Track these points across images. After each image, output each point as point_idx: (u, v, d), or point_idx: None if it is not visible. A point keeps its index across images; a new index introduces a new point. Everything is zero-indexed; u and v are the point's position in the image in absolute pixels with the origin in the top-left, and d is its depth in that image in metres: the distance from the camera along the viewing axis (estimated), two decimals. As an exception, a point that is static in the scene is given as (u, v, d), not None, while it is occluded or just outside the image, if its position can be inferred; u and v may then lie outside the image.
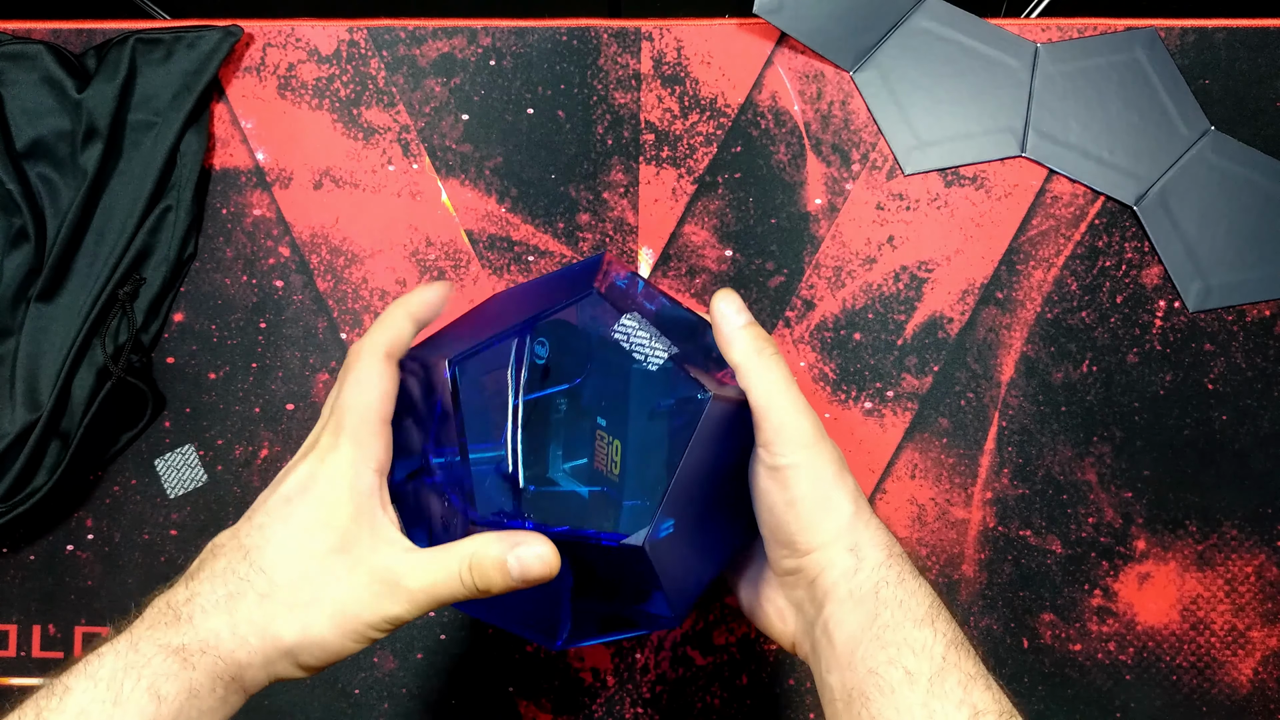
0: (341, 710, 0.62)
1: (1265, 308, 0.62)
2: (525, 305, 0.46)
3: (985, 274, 0.62)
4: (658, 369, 0.42)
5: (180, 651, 0.37)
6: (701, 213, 0.63)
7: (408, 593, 0.40)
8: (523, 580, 0.40)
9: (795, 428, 0.42)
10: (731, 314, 0.44)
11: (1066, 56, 0.63)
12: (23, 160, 0.62)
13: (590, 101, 0.63)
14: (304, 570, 0.39)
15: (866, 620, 0.40)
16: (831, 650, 0.41)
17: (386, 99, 0.64)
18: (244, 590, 0.39)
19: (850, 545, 0.42)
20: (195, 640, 0.38)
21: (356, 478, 0.41)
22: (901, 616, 0.40)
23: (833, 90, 0.63)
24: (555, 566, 0.40)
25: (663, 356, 0.42)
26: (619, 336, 0.42)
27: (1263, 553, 0.61)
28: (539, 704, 0.62)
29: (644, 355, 0.42)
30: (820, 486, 0.42)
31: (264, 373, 0.63)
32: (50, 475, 0.59)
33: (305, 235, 0.63)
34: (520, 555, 0.40)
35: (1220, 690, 0.61)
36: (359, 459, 0.41)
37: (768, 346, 0.43)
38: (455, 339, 0.45)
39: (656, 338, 0.42)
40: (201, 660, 0.37)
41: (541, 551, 0.40)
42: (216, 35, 0.62)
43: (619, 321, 0.42)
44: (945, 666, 0.38)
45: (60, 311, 0.61)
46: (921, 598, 0.41)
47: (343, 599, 0.39)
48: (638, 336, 0.42)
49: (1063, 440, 0.62)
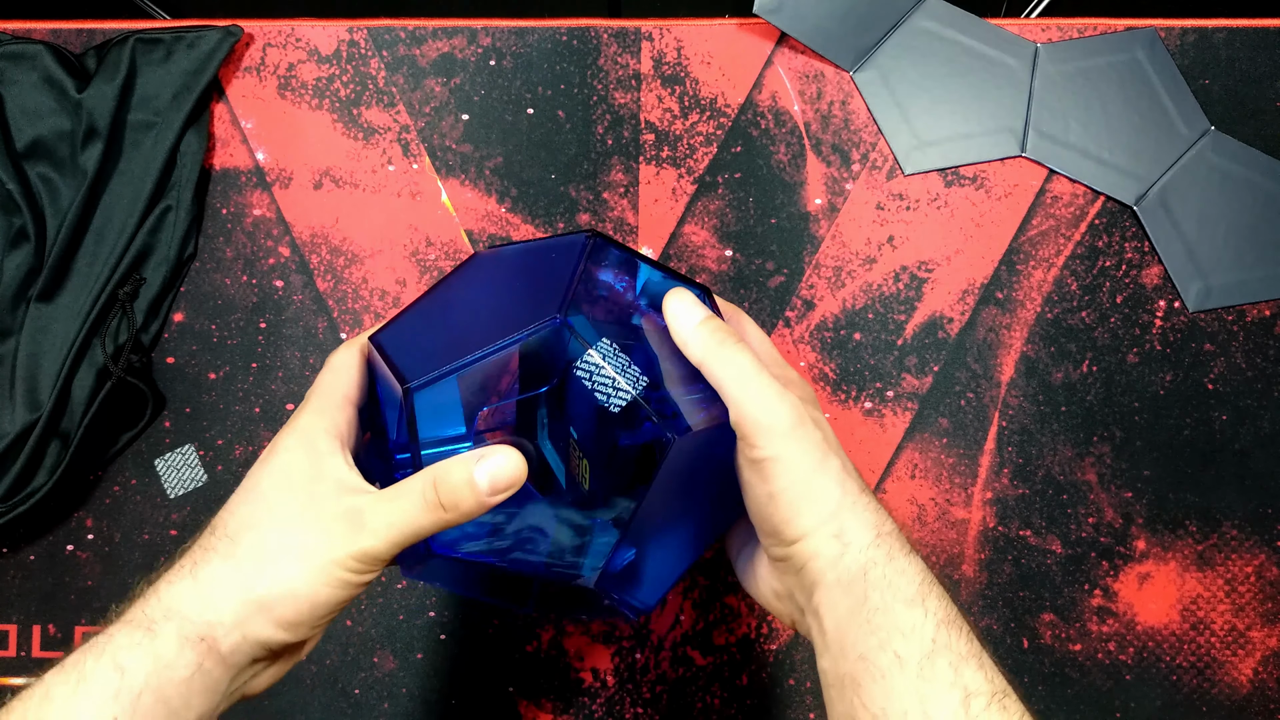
0: (341, 710, 0.62)
1: (1265, 308, 0.62)
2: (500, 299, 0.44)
3: (985, 274, 0.62)
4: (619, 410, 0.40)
5: (143, 622, 0.36)
6: (701, 213, 0.63)
7: (372, 528, 0.38)
8: (494, 491, 0.39)
9: (769, 419, 0.40)
10: (683, 314, 0.42)
11: (1066, 56, 0.63)
12: (23, 160, 0.62)
13: (590, 101, 0.63)
14: (267, 527, 0.38)
15: (856, 604, 0.39)
16: (823, 637, 0.40)
17: (386, 99, 0.64)
18: (208, 557, 0.38)
19: (835, 531, 0.40)
20: (159, 609, 0.37)
21: (312, 441, 0.40)
22: (891, 598, 0.38)
23: (833, 90, 0.63)
24: (523, 474, 0.39)
25: (626, 398, 0.40)
26: (580, 374, 0.40)
27: (1263, 553, 0.61)
28: (539, 704, 0.62)
29: (606, 396, 0.40)
30: (801, 475, 0.40)
31: (264, 373, 0.63)
32: (50, 475, 0.59)
33: (305, 235, 0.63)
34: (488, 467, 0.38)
35: (1220, 690, 0.61)
36: (314, 425, 0.41)
37: (728, 338, 0.41)
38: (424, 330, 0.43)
39: (624, 371, 0.40)
40: (165, 627, 0.36)
41: (508, 458, 0.39)
42: (216, 35, 0.62)
43: (582, 358, 0.40)
44: (935, 648, 0.37)
45: (60, 311, 0.61)
46: (911, 576, 0.39)
47: (307, 543, 0.38)
48: (601, 375, 0.40)
49: (1063, 440, 0.62)
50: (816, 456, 0.41)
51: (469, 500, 0.39)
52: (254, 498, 0.40)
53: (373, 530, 0.38)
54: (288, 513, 0.39)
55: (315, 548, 0.38)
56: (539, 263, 0.45)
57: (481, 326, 0.42)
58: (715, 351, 0.41)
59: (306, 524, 0.38)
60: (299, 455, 0.40)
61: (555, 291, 0.41)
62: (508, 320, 0.41)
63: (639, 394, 0.40)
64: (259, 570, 0.38)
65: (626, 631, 0.62)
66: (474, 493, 0.38)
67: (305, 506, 0.39)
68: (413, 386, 0.39)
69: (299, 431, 0.41)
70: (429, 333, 0.43)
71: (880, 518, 0.41)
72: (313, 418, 0.41)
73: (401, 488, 0.39)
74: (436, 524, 0.39)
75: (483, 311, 0.44)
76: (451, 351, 0.40)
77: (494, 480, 0.39)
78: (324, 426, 0.41)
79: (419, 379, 0.39)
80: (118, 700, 0.34)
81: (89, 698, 0.34)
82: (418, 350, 0.41)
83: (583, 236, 0.44)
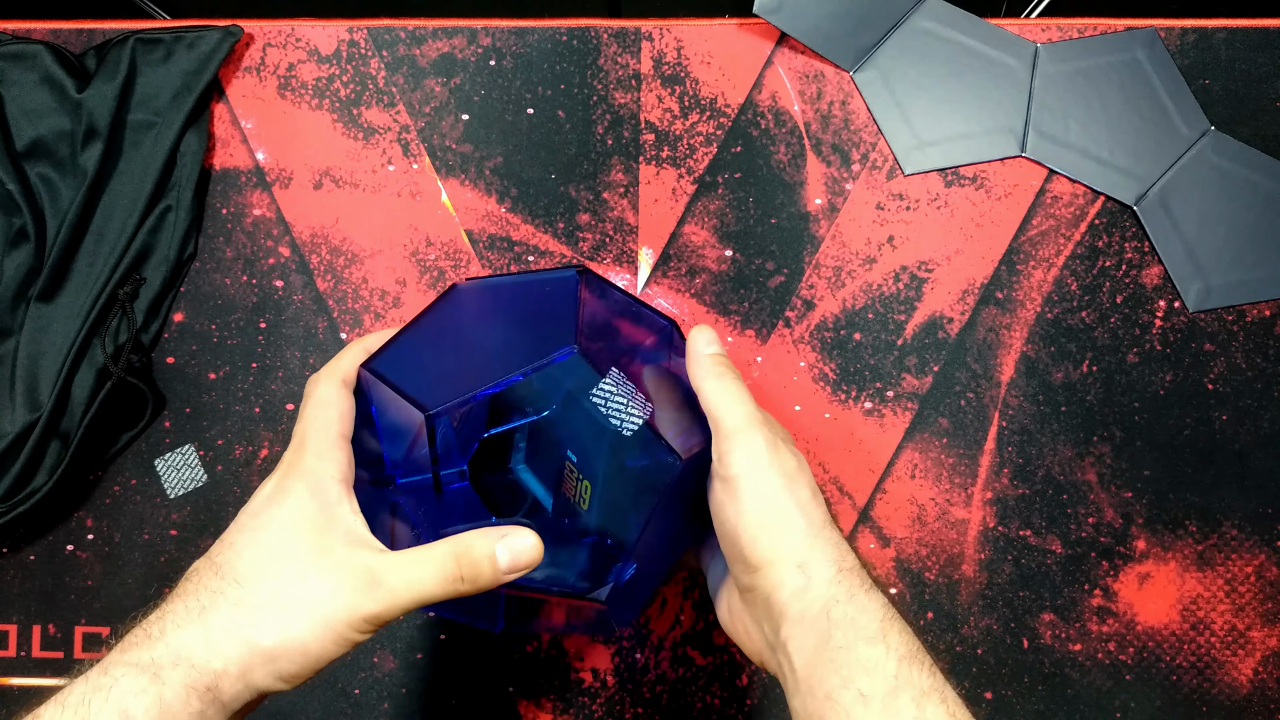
0: (341, 710, 0.62)
1: (1265, 308, 0.62)
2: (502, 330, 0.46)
3: (985, 274, 0.62)
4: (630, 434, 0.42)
5: (150, 667, 0.36)
6: (701, 213, 0.63)
7: (388, 590, 0.39)
8: (511, 570, 0.40)
9: (745, 438, 0.42)
10: (701, 343, 0.46)
11: (1066, 56, 0.63)
12: (23, 160, 0.62)
13: (590, 101, 0.63)
14: (278, 575, 0.39)
15: (820, 642, 0.40)
16: (793, 675, 0.41)
17: (386, 99, 0.64)
18: (217, 602, 0.38)
19: (799, 561, 0.41)
20: (166, 654, 0.37)
21: (322, 488, 0.41)
22: (853, 636, 0.39)
23: (833, 90, 0.63)
24: (539, 555, 0.41)
25: (637, 422, 0.42)
26: (596, 401, 0.42)
27: (1263, 553, 0.61)
28: (539, 704, 0.62)
29: (620, 421, 0.42)
30: (769, 498, 0.42)
31: (264, 373, 0.63)
32: (50, 475, 0.59)
33: (305, 235, 0.63)
34: (510, 545, 0.40)
35: (1220, 690, 0.61)
36: (322, 470, 0.41)
37: (728, 371, 0.45)
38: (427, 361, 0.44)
39: (632, 398, 0.43)
40: (173, 674, 0.36)
41: (529, 542, 0.41)
42: (216, 35, 0.62)
43: (599, 385, 0.42)
44: (898, 685, 0.38)
45: (60, 311, 0.61)
46: (873, 613, 0.40)
47: (320, 599, 0.38)
48: (614, 401, 0.42)
49: (1063, 440, 0.62)
50: (785, 482, 0.42)
51: (487, 575, 0.40)
52: (264, 541, 0.40)
53: (389, 592, 0.39)
54: (300, 564, 0.39)
55: (326, 605, 0.38)
56: (535, 296, 0.47)
57: (493, 357, 0.43)
58: (712, 379, 0.44)
59: (319, 578, 0.39)
60: (308, 502, 0.40)
61: (564, 323, 0.43)
62: (519, 351, 0.42)
63: (647, 418, 0.42)
64: (267, 620, 0.38)
65: (626, 631, 0.62)
66: (493, 569, 0.40)
67: (317, 558, 0.39)
68: (434, 413, 0.40)
69: (306, 476, 0.41)
70: (434, 363, 0.44)
71: (842, 552, 0.42)
72: (317, 462, 0.41)
73: (421, 555, 0.40)
74: (451, 594, 0.40)
75: (488, 342, 0.45)
76: (465, 380, 0.41)
77: (514, 559, 0.40)
78: (330, 473, 0.41)
79: (438, 406, 0.40)
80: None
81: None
82: (426, 380, 0.42)
83: (573, 272, 0.46)
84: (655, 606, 0.62)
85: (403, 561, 0.40)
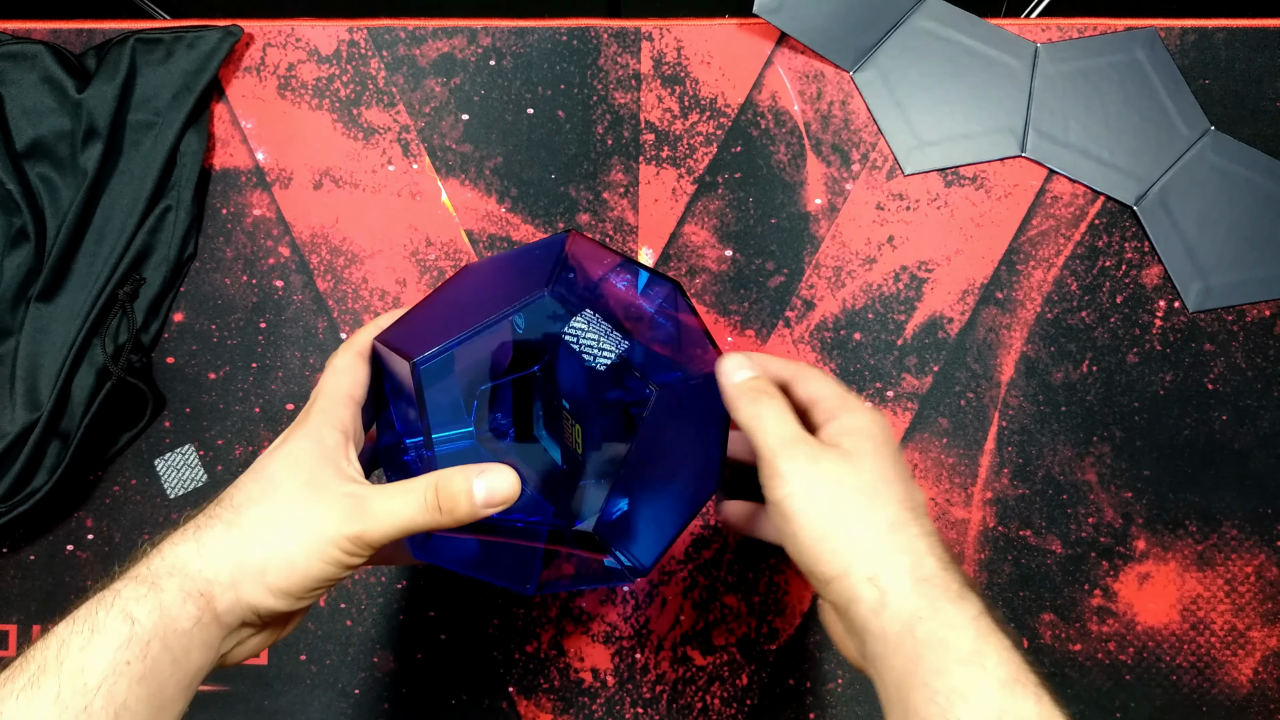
0: (341, 710, 0.62)
1: (1265, 308, 0.62)
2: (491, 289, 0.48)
3: (985, 274, 0.62)
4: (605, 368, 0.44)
5: (148, 578, 0.38)
6: (701, 213, 0.63)
7: (372, 515, 0.41)
8: (488, 504, 0.42)
9: (783, 463, 0.42)
10: (730, 370, 0.46)
11: (1066, 56, 0.63)
12: (23, 160, 0.62)
13: (590, 101, 0.63)
14: (269, 502, 0.41)
15: (909, 664, 0.38)
16: (885, 691, 0.40)
17: (386, 99, 0.64)
18: (211, 524, 0.40)
19: (869, 574, 0.40)
20: (163, 566, 0.39)
21: (321, 437, 0.43)
22: (945, 658, 0.37)
23: (833, 90, 0.63)
24: (516, 493, 0.42)
25: (610, 357, 0.43)
26: (569, 338, 0.44)
27: (1263, 553, 0.61)
28: (539, 704, 0.62)
29: (593, 356, 0.43)
30: (819, 516, 0.41)
31: (264, 373, 0.63)
32: (50, 475, 0.59)
33: (305, 235, 0.63)
34: (486, 480, 0.42)
35: (1220, 690, 0.61)
36: (323, 423, 0.43)
37: (761, 395, 0.45)
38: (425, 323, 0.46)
39: (607, 336, 0.44)
40: (169, 582, 0.38)
41: (505, 477, 0.42)
42: (216, 35, 0.62)
43: (569, 324, 0.44)
44: (1000, 714, 0.36)
45: (60, 311, 0.61)
46: (963, 628, 0.38)
47: (307, 519, 0.40)
48: (587, 338, 0.44)
49: (1063, 440, 0.62)
50: (832, 493, 0.42)
51: (464, 508, 0.42)
52: (261, 477, 0.42)
53: (372, 516, 0.41)
54: (292, 491, 0.41)
55: (315, 524, 0.40)
56: (524, 258, 0.49)
57: (475, 309, 0.45)
58: (749, 403, 0.44)
59: (309, 502, 0.41)
60: (307, 444, 0.43)
61: (542, 273, 0.44)
62: (500, 300, 0.44)
63: (621, 353, 0.43)
64: (258, 538, 0.40)
65: (626, 631, 0.62)
66: (470, 502, 0.42)
67: (309, 487, 0.41)
68: (417, 361, 0.42)
69: (307, 426, 0.43)
70: (427, 323, 0.46)
71: (917, 558, 0.40)
72: (319, 416, 0.44)
73: (405, 485, 0.42)
74: (431, 524, 0.42)
75: (475, 299, 0.47)
76: (450, 330, 0.44)
77: (490, 494, 0.42)
78: (330, 423, 0.43)
79: (423, 354, 0.42)
80: (129, 647, 0.36)
81: (104, 645, 0.36)
82: (418, 336, 0.45)
83: (562, 234, 0.48)
84: (655, 606, 0.62)
85: (388, 491, 0.42)
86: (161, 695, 0.37)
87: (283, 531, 0.40)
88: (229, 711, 0.62)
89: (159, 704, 0.37)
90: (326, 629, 0.62)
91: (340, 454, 0.43)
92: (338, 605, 0.62)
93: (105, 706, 0.35)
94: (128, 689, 0.36)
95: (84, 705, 0.35)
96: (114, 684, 0.36)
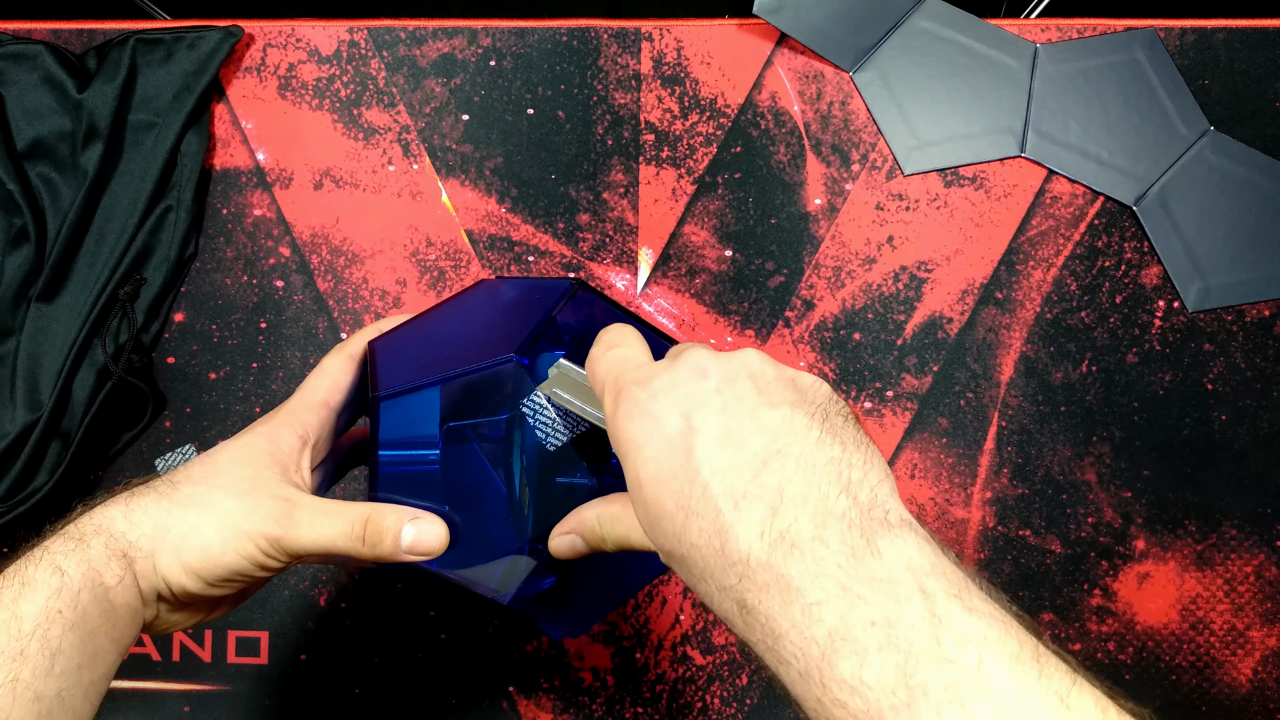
0: (341, 710, 0.62)
1: (1265, 308, 0.62)
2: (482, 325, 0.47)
3: (985, 274, 0.62)
4: (554, 450, 0.43)
5: (75, 534, 0.39)
6: (701, 213, 0.63)
7: (297, 524, 0.41)
8: (411, 551, 0.42)
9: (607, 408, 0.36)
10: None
11: (1066, 57, 0.63)
12: (23, 160, 0.62)
13: (590, 102, 0.63)
14: (208, 486, 0.41)
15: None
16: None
17: (386, 99, 0.64)
18: (144, 492, 0.41)
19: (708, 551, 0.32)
20: (90, 525, 0.40)
21: (279, 438, 0.43)
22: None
23: (833, 90, 0.63)
24: (442, 547, 0.42)
25: (560, 440, 0.43)
26: (526, 412, 0.42)
27: (1262, 553, 0.61)
28: (539, 704, 0.62)
29: (545, 435, 0.43)
30: (637, 480, 0.34)
31: (264, 373, 0.63)
32: (51, 475, 0.59)
33: (305, 235, 0.63)
34: (417, 528, 0.42)
35: (1220, 690, 0.61)
36: (287, 424, 0.44)
37: (601, 338, 0.39)
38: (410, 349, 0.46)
39: (562, 420, 0.43)
40: (96, 539, 0.39)
41: (434, 530, 0.42)
42: (217, 35, 0.62)
43: (529, 397, 0.42)
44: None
45: (61, 311, 0.61)
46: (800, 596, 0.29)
47: (233, 510, 0.41)
48: (543, 416, 0.43)
49: (1062, 440, 0.62)
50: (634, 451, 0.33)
51: (387, 548, 0.42)
52: (209, 462, 0.43)
53: (296, 525, 0.41)
54: (231, 483, 0.42)
55: (239, 515, 0.41)
56: (525, 299, 0.48)
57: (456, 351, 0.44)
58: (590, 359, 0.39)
59: (242, 495, 0.41)
60: (261, 442, 0.43)
61: (522, 331, 0.43)
62: (479, 350, 0.43)
63: (572, 438, 0.42)
64: (183, 515, 0.40)
65: (626, 631, 0.62)
66: (394, 545, 0.42)
67: (248, 481, 0.42)
68: (379, 396, 0.42)
69: (270, 425, 0.44)
70: (417, 347, 0.46)
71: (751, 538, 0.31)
72: (286, 416, 0.44)
73: (339, 507, 0.42)
74: (352, 553, 0.42)
75: (462, 337, 0.47)
76: (425, 369, 0.43)
77: (415, 542, 0.42)
78: (293, 426, 0.44)
79: (387, 390, 0.42)
80: (60, 596, 0.37)
81: (35, 595, 0.37)
82: (400, 362, 0.44)
83: (568, 281, 0.47)
84: (655, 606, 0.62)
85: (321, 506, 0.42)
86: (93, 643, 0.38)
87: (207, 514, 0.40)
88: (229, 711, 0.62)
89: (91, 651, 0.37)
90: (326, 629, 0.62)
91: (292, 459, 0.43)
92: (338, 605, 0.63)
93: (40, 650, 0.36)
94: (61, 635, 0.36)
95: (20, 650, 0.36)
96: (47, 629, 0.36)
